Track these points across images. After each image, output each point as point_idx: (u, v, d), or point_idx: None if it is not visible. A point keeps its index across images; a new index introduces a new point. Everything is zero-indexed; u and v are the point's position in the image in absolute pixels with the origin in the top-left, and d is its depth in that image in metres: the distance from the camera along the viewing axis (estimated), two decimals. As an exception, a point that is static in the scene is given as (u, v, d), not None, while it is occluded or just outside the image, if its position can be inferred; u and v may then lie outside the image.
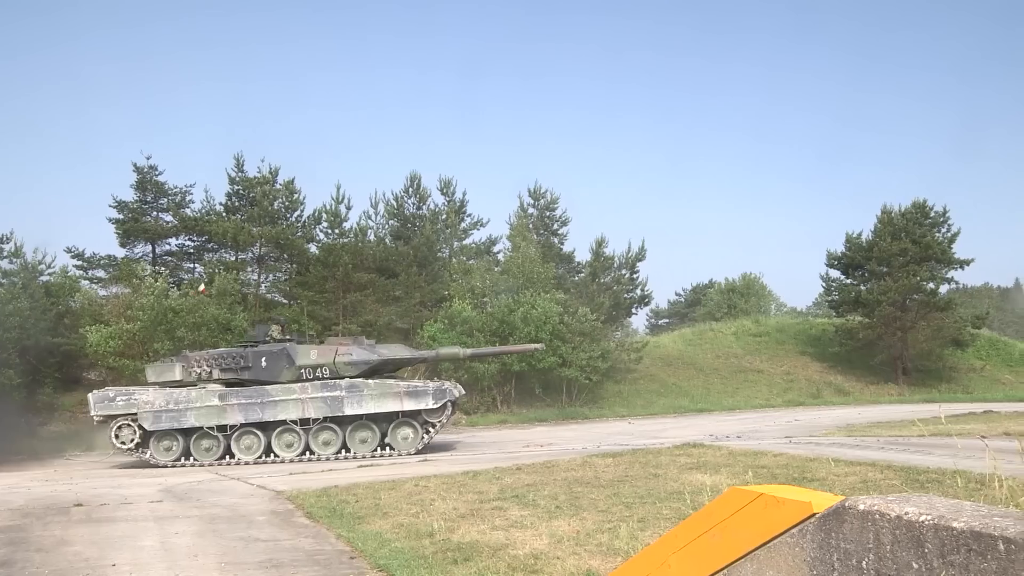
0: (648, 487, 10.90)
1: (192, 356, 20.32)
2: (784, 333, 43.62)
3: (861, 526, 3.12)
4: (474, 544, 8.30)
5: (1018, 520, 2.74)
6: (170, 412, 19.16)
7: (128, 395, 19.35)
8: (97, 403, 19.25)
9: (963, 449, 12.73)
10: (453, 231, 36.28)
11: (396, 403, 19.57)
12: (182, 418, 19.19)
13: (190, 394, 19.41)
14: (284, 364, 19.87)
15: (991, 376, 40.51)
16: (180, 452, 19.34)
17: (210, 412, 19.28)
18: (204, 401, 19.31)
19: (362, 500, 11.28)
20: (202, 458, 19.35)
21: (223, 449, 19.45)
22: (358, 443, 19.67)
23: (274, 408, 19.37)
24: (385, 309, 32.35)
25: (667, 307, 73.33)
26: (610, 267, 37.15)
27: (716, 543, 3.84)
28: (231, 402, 19.35)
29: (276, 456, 19.39)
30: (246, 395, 19.49)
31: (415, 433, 19.77)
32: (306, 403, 19.39)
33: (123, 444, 19.26)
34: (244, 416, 19.32)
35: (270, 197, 32.88)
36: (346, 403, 19.41)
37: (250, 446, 19.50)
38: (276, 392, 19.49)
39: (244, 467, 18.46)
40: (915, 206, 39.41)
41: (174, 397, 19.33)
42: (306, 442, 19.50)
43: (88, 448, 24.02)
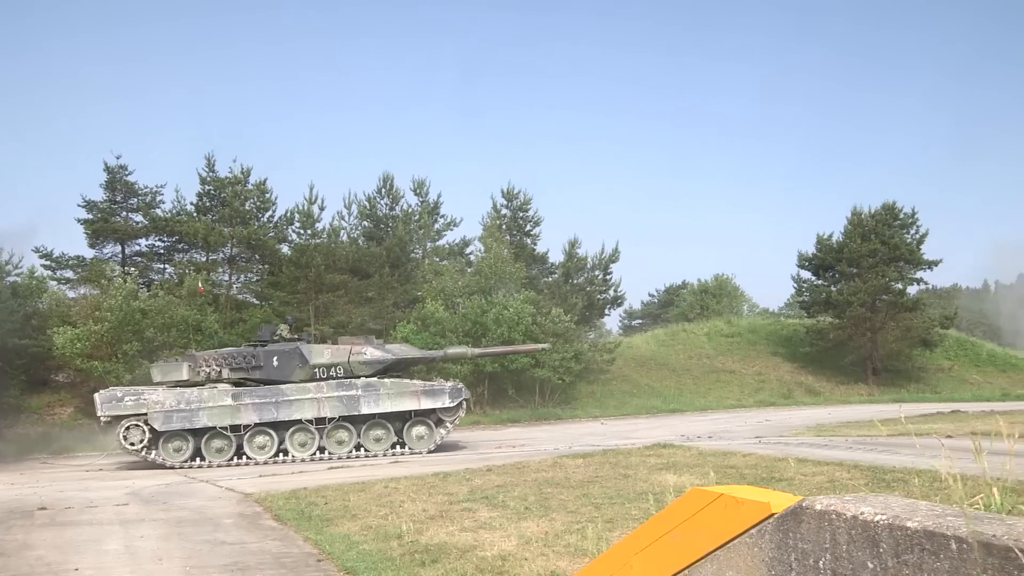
0: (618, 488, 10.91)
1: (199, 356, 20.11)
2: (756, 334, 43.90)
3: (818, 526, 3.13)
4: (442, 546, 8.27)
5: (971, 520, 2.75)
6: (181, 412, 18.74)
7: (137, 395, 18.92)
8: (104, 403, 18.72)
9: (929, 449, 12.81)
10: (426, 232, 36.21)
11: (413, 402, 19.66)
12: (194, 418, 18.79)
13: (202, 394, 19.08)
14: (297, 363, 19.80)
15: (959, 376, 40.98)
16: (190, 453, 18.96)
17: (223, 412, 18.95)
18: (217, 401, 18.99)
19: (331, 502, 11.22)
20: (213, 459, 19.00)
21: (235, 449, 19.16)
22: (372, 442, 19.67)
23: (289, 407, 19.20)
24: (358, 310, 32.19)
25: (640, 308, 73.63)
26: (583, 268, 37.21)
27: (677, 543, 3.85)
28: (245, 401, 19.10)
29: (290, 456, 19.22)
30: (260, 394, 19.28)
31: (429, 432, 19.92)
32: (322, 402, 19.30)
33: (132, 445, 18.71)
34: (259, 416, 19.09)
35: (241, 197, 32.66)
36: (362, 402, 19.40)
37: (263, 446, 19.27)
38: (291, 391, 19.35)
39: (214, 469, 18.30)
40: (884, 208, 39.81)
41: (185, 397, 18.94)
42: (320, 441, 19.40)
43: (57, 452, 23.75)
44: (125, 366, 26.65)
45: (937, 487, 9.53)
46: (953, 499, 3.19)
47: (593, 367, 34.85)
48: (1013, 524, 2.67)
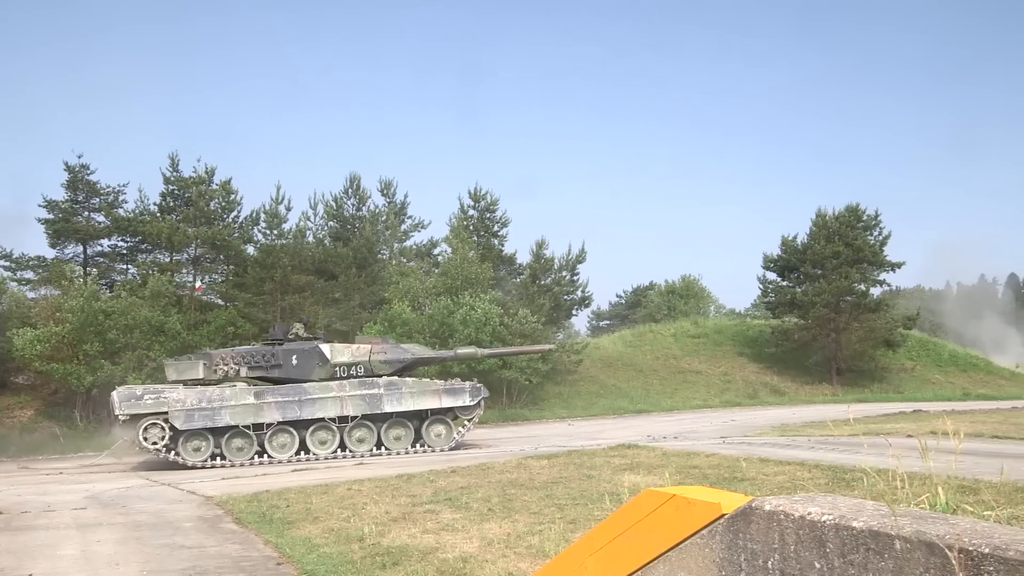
0: (581, 488, 10.92)
1: (215, 354, 20.06)
2: (722, 334, 44.16)
3: (767, 526, 3.14)
4: (404, 548, 8.23)
5: (916, 519, 2.77)
6: (203, 411, 18.61)
7: (157, 393, 18.71)
8: (123, 401, 18.41)
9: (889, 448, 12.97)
10: (393, 232, 36.07)
11: (435, 400, 20.08)
12: (216, 417, 18.67)
13: (224, 392, 18.98)
14: (316, 362, 19.96)
15: (921, 376, 41.50)
16: (210, 452, 18.83)
17: (246, 410, 18.88)
18: (239, 399, 18.90)
19: (293, 505, 11.13)
20: (234, 458, 18.90)
21: (255, 448, 19.07)
22: (392, 440, 19.91)
23: (312, 406, 19.23)
24: (324, 311, 31.99)
25: (608, 309, 73.85)
26: (550, 269, 37.24)
27: (631, 545, 3.85)
28: (268, 400, 19.05)
29: (311, 454, 19.21)
30: (283, 393, 19.25)
31: (448, 430, 20.36)
32: (345, 401, 19.46)
33: (153, 444, 18.43)
34: (282, 414, 19.07)
35: (206, 197, 32.31)
36: (385, 401, 19.65)
37: (283, 444, 19.25)
38: (314, 390, 19.43)
39: (176, 472, 18.07)
40: (848, 210, 40.22)
41: (207, 395, 18.80)
42: (341, 439, 19.47)
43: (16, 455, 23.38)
44: (87, 368, 26.31)
45: (895, 486, 9.63)
46: (901, 499, 3.23)
47: (560, 368, 34.88)
48: (956, 523, 2.70)
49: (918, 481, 9.88)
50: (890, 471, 10.06)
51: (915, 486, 9.46)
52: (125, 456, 21.33)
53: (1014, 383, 41.80)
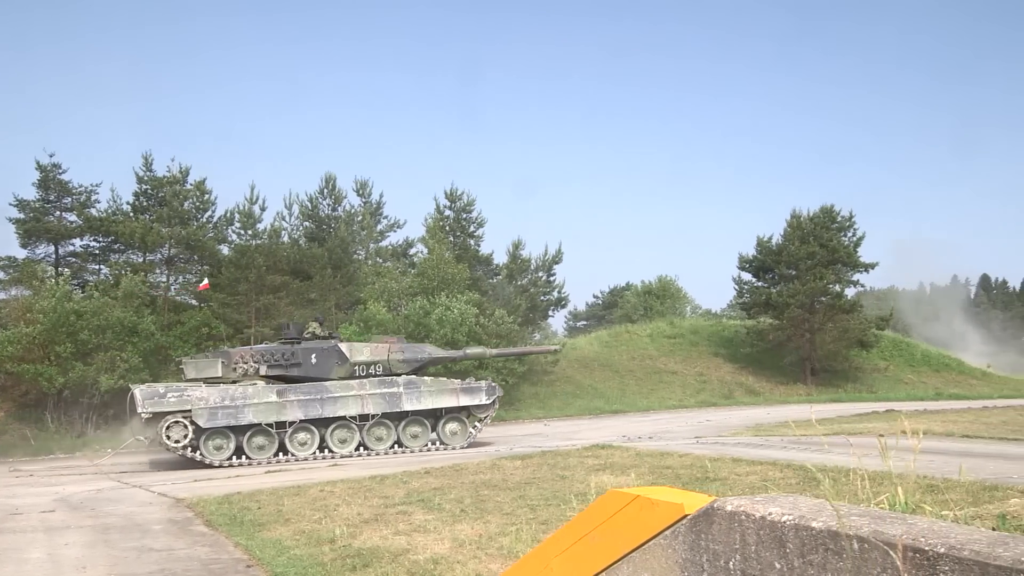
0: (554, 489, 10.91)
1: (234, 352, 20.06)
2: (698, 335, 44.32)
3: (728, 527, 3.14)
4: (374, 550, 8.20)
5: (874, 519, 2.78)
6: (226, 409, 18.58)
7: (180, 391, 18.63)
8: (146, 399, 18.25)
9: (860, 448, 13.03)
10: (369, 233, 35.95)
11: (452, 399, 20.40)
12: (239, 415, 18.65)
13: (246, 390, 18.98)
14: (335, 361, 20.10)
15: (894, 376, 41.85)
16: (232, 451, 18.76)
17: (268, 408, 18.90)
18: (262, 397, 18.92)
19: (264, 507, 11.06)
20: (255, 456, 18.86)
21: (277, 446, 19.07)
22: (409, 438, 20.17)
23: (334, 404, 19.37)
24: (299, 312, 31.81)
25: (585, 309, 73.99)
26: (527, 269, 37.23)
27: (596, 545, 3.84)
28: (290, 398, 19.09)
29: (331, 452, 19.29)
30: (305, 391, 19.31)
31: (462, 428, 20.69)
32: (365, 399, 19.63)
33: (176, 443, 18.33)
34: (304, 412, 19.13)
35: (180, 197, 32.06)
36: (404, 399, 19.91)
37: (304, 442, 19.31)
38: (335, 388, 19.57)
39: (147, 474, 17.92)
40: (823, 211, 40.49)
41: (230, 393, 18.78)
42: (361, 437, 19.62)
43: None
44: (58, 369, 26.03)
45: (856, 487, 9.69)
46: (862, 498, 3.25)
47: (537, 368, 34.89)
48: (913, 523, 2.70)
49: (887, 480, 9.97)
50: (851, 471, 10.18)
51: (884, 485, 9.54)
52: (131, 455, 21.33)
53: (985, 383, 42.26)
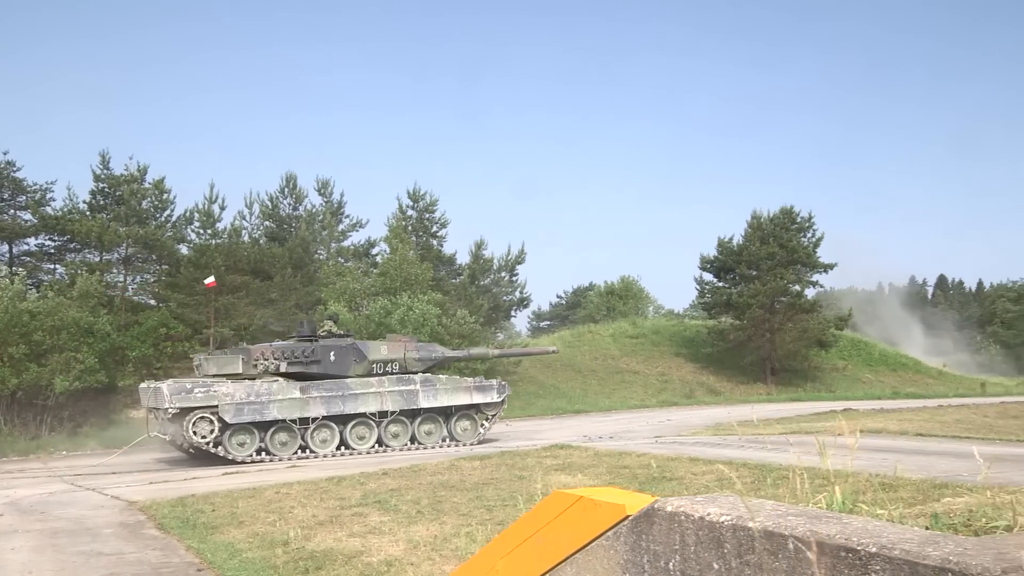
0: (512, 489, 10.89)
1: (253, 349, 20.09)
2: (660, 335, 44.56)
3: (669, 527, 3.13)
4: (328, 552, 8.13)
5: (810, 519, 2.79)
6: (252, 405, 18.59)
7: (207, 386, 18.54)
8: (174, 395, 18.14)
9: (815, 447, 13.14)
10: (330, 232, 35.71)
11: (466, 397, 20.84)
12: (264, 411, 18.71)
13: (271, 387, 19.05)
14: (353, 358, 20.36)
15: (852, 375, 42.38)
16: (255, 447, 18.79)
17: (292, 405, 19.00)
18: (286, 394, 19.01)
19: (219, 509, 10.93)
20: (278, 452, 18.91)
21: (299, 443, 19.19)
22: (424, 435, 20.52)
23: (355, 401, 19.60)
24: (260, 311, 31.54)
25: (549, 309, 74.15)
26: (489, 269, 37.19)
27: (540, 547, 3.82)
28: (313, 395, 19.24)
29: (350, 449, 19.52)
30: (327, 388, 19.50)
31: (473, 425, 21.14)
32: (384, 396, 19.91)
33: (203, 438, 18.30)
34: (326, 409, 19.30)
35: (138, 196, 31.61)
36: (421, 396, 20.27)
37: (325, 439, 19.50)
38: (356, 385, 19.80)
39: (101, 477, 17.58)
40: (783, 212, 40.92)
41: (255, 389, 18.80)
42: (379, 434, 19.90)
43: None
44: (11, 370, 25.54)
45: (818, 484, 9.79)
46: (800, 498, 3.26)
47: (499, 368, 34.80)
48: (848, 523, 2.71)
49: (840, 479, 10.04)
50: (813, 468, 10.27)
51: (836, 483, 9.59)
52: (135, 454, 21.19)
53: (941, 382, 42.95)
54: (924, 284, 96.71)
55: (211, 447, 18.46)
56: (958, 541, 2.47)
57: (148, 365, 28.75)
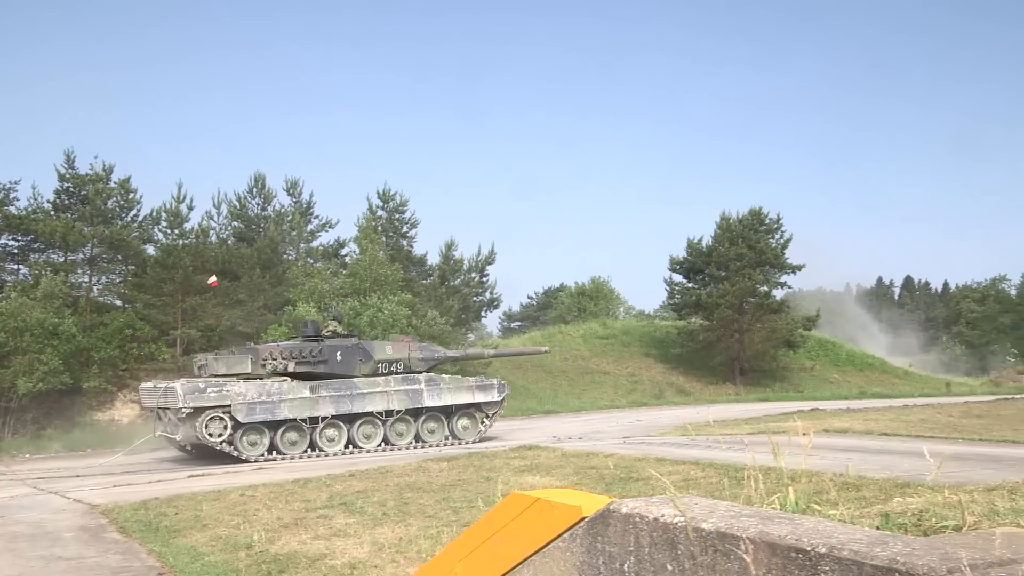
0: (479, 491, 10.86)
1: (262, 349, 20.37)
2: (630, 335, 44.70)
3: (624, 529, 3.12)
4: (292, 555, 8.07)
5: (763, 520, 2.79)
6: (264, 404, 18.78)
7: (220, 386, 18.67)
8: (187, 394, 18.22)
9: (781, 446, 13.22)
10: (299, 233, 35.48)
11: (468, 396, 21.31)
12: (275, 410, 18.90)
13: (281, 386, 19.24)
14: (359, 358, 20.75)
15: (820, 375, 42.76)
16: (266, 446, 18.98)
17: (303, 404, 19.20)
18: (296, 393, 19.22)
19: (182, 512, 10.81)
20: (287, 451, 19.10)
21: (308, 442, 19.41)
22: (427, 433, 20.90)
23: (362, 400, 19.90)
24: (227, 312, 31.28)
25: (520, 310, 74.15)
26: (459, 270, 37.12)
27: (498, 549, 3.80)
28: (322, 394, 19.49)
29: (357, 447, 19.81)
30: (336, 387, 19.76)
31: (473, 423, 21.58)
32: (391, 395, 20.28)
33: (218, 437, 18.43)
34: (335, 408, 19.55)
35: (103, 196, 31.24)
36: (425, 395, 20.66)
37: (332, 438, 19.76)
38: (363, 385, 20.12)
39: (64, 480, 17.34)
40: (751, 213, 41.21)
41: (266, 389, 18.99)
42: (384, 433, 20.24)
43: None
44: (-28, 371, 25.19)
45: (784, 483, 9.85)
46: (755, 499, 3.27)
47: (470, 369, 34.75)
48: (800, 523, 2.72)
49: (804, 478, 10.11)
50: (778, 468, 10.32)
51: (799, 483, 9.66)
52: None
53: (907, 382, 43.43)
54: (891, 285, 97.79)
55: (223, 446, 18.56)
56: (906, 541, 2.48)
57: (114, 367, 28.42)
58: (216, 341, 31.14)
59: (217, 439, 18.43)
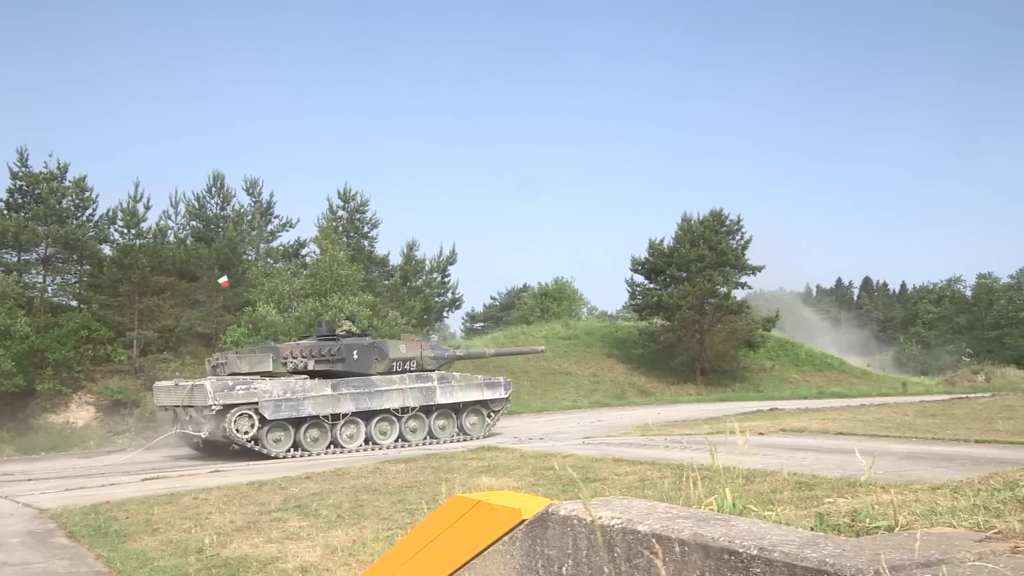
0: (436, 492, 10.79)
1: (282, 347, 20.78)
2: (592, 336, 44.78)
3: (562, 531, 3.10)
4: (243, 559, 7.96)
5: (699, 522, 2.78)
6: (289, 401, 19.29)
7: (247, 383, 19.10)
8: (217, 391, 18.60)
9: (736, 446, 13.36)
10: (259, 233, 35.14)
11: (478, 393, 22.10)
12: (300, 407, 19.40)
13: (305, 384, 19.72)
14: (375, 357, 21.33)
15: (780, 375, 43.14)
16: (291, 443, 19.48)
17: (325, 401, 19.75)
18: (319, 391, 19.76)
19: (133, 516, 10.64)
20: (310, 448, 19.58)
21: (329, 439, 19.93)
22: (438, 430, 21.63)
23: (380, 398, 20.54)
24: (185, 313, 30.92)
25: (483, 311, 74.10)
26: (421, 270, 36.98)
27: (440, 552, 3.76)
28: (343, 392, 20.06)
29: (375, 444, 20.35)
30: (355, 385, 20.32)
31: (480, 420, 22.37)
32: (406, 393, 20.91)
33: (245, 434, 18.82)
34: (355, 405, 20.12)
35: (58, 195, 30.73)
36: (438, 393, 21.37)
37: (352, 435, 20.30)
38: (380, 382, 20.73)
39: (14, 484, 16.98)
40: (712, 214, 41.49)
41: (291, 386, 19.48)
42: (400, 429, 20.87)
43: None
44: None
45: (742, 483, 9.91)
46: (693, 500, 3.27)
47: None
48: (735, 525, 2.71)
49: (760, 477, 10.17)
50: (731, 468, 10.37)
51: (754, 483, 9.70)
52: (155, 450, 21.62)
53: (865, 381, 43.96)
54: (850, 286, 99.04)
55: (250, 443, 18.97)
56: (838, 542, 2.48)
57: (69, 368, 27.94)
58: (174, 342, 30.76)
59: (244, 435, 18.82)
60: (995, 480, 4.41)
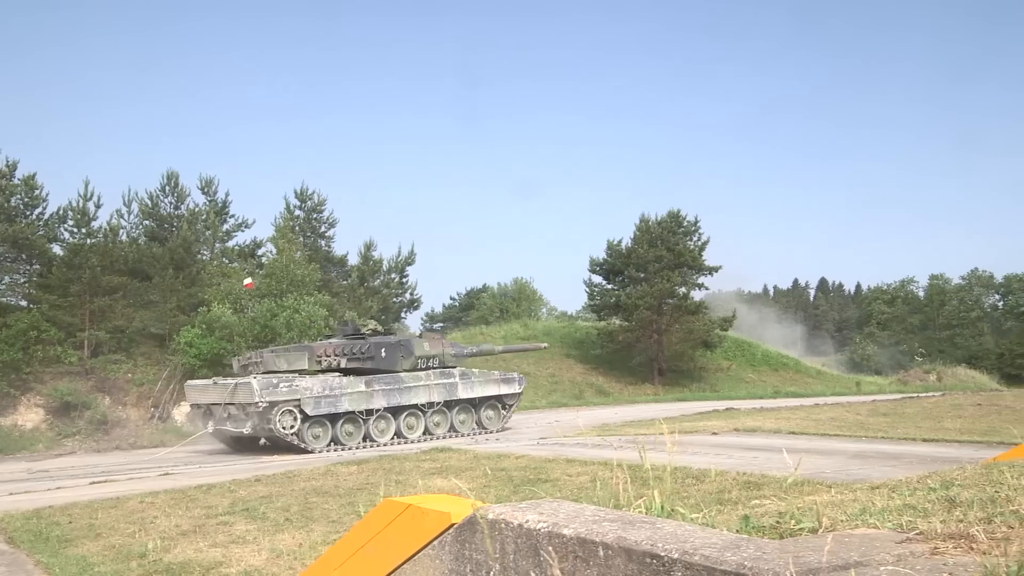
0: (387, 494, 10.69)
1: (316, 346, 21.74)
2: (551, 336, 44.75)
3: (490, 535, 3.05)
4: (186, 564, 7.83)
5: (624, 525, 2.75)
6: (327, 398, 20.11)
7: (290, 381, 19.88)
8: (263, 389, 19.38)
9: (692, 446, 13.48)
10: (214, 232, 34.70)
11: (495, 388, 23.11)
12: (338, 403, 20.22)
13: (341, 381, 20.54)
14: (401, 354, 22.16)
15: (736, 375, 43.47)
16: (329, 438, 20.26)
17: (359, 397, 20.57)
18: (354, 387, 20.52)
19: (76, 521, 10.43)
20: (346, 442, 20.33)
21: (363, 433, 20.69)
22: (459, 424, 22.44)
23: (409, 393, 21.39)
24: (138, 313, 30.45)
25: (442, 311, 73.91)
26: (379, 271, 36.77)
27: (372, 557, 3.70)
28: (375, 388, 20.83)
29: (404, 438, 21.10)
30: (386, 381, 21.16)
31: (496, 414, 23.33)
32: (431, 388, 21.84)
33: (289, 429, 19.53)
34: (387, 401, 20.98)
35: (6, 193, 30.13)
36: (460, 388, 22.25)
37: (383, 430, 21.11)
38: (408, 379, 21.61)
39: None
40: (670, 215, 41.72)
41: (329, 383, 20.30)
42: (425, 423, 21.70)
43: None
44: None
45: (691, 482, 9.96)
46: (622, 503, 3.24)
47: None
48: (659, 528, 2.68)
49: (707, 478, 10.18)
50: (685, 468, 10.40)
51: (704, 483, 9.72)
52: None
53: (820, 381, 44.48)
54: (807, 287, 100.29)
55: (292, 439, 19.65)
56: (759, 545, 2.46)
57: (17, 370, 27.40)
58: (126, 343, 30.29)
59: (289, 431, 19.49)
60: (932, 479, 4.44)
